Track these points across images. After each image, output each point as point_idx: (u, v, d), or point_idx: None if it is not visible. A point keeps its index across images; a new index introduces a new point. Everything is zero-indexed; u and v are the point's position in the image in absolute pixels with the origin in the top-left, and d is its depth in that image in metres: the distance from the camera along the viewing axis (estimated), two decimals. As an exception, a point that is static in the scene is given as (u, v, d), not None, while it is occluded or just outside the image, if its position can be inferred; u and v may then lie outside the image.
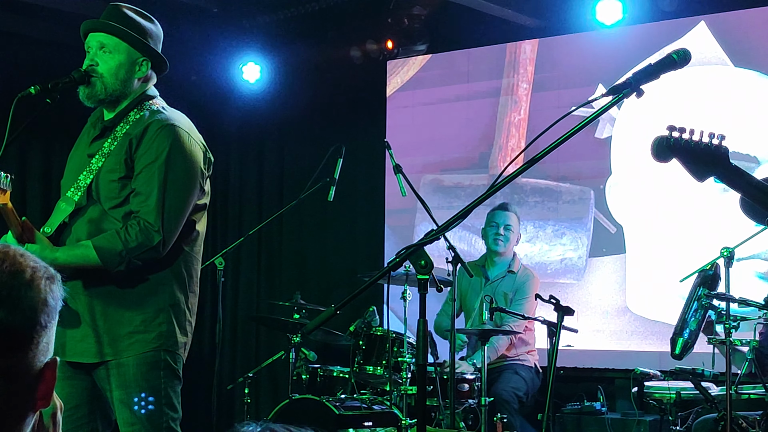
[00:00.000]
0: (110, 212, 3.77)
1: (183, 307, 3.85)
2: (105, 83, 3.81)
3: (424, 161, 8.73)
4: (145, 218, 3.70)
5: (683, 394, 5.72)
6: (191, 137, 3.85)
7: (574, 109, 2.91)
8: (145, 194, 3.73)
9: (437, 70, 8.83)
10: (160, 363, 3.78)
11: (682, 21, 7.58)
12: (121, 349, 3.73)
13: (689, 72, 2.86)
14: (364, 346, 6.42)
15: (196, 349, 4.04)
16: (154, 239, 3.69)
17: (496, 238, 6.93)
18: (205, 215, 3.98)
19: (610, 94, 2.73)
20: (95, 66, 3.81)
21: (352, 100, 9.17)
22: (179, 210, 3.78)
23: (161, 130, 3.78)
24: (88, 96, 3.83)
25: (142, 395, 3.72)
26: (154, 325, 3.76)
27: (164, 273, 3.81)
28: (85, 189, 3.78)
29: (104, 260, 3.66)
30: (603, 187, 7.93)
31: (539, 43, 8.32)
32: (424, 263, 2.75)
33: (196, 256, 3.95)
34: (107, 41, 3.82)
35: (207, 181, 3.94)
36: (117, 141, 3.81)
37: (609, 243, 7.89)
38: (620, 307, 7.78)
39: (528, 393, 6.69)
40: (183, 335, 3.85)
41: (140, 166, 3.75)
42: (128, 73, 3.85)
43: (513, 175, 2.76)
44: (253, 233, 7.28)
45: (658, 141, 3.06)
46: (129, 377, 3.73)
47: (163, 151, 3.75)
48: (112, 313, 3.75)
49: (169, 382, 3.80)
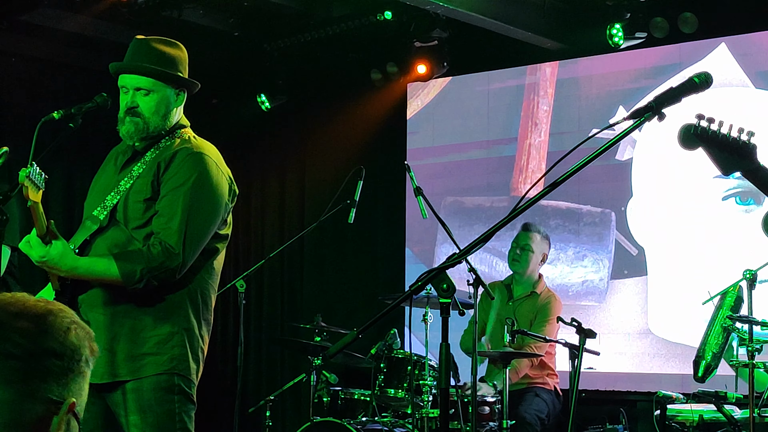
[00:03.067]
0: (133, 233, 3.78)
1: (196, 333, 3.86)
2: (148, 122, 3.85)
3: (444, 183, 8.73)
4: (166, 240, 3.71)
5: (706, 417, 5.69)
6: (219, 168, 3.89)
7: (596, 133, 2.90)
8: (168, 216, 3.75)
9: (457, 93, 8.85)
10: (174, 387, 3.78)
11: (703, 43, 7.58)
12: (134, 369, 3.74)
13: (710, 93, 2.85)
14: (386, 369, 6.41)
15: (217, 371, 4.04)
16: (174, 261, 3.70)
17: (513, 258, 6.93)
18: (225, 246, 4.00)
19: (631, 118, 2.72)
20: (136, 108, 3.84)
21: (373, 123, 9.19)
22: (200, 236, 3.80)
23: (190, 157, 3.81)
24: (131, 135, 3.87)
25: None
26: (167, 348, 3.77)
27: (180, 295, 3.82)
28: (111, 209, 3.80)
29: (124, 276, 3.67)
30: (624, 209, 7.92)
31: (559, 65, 8.33)
32: (446, 287, 2.74)
33: (212, 283, 3.96)
34: (143, 84, 3.86)
35: (229, 213, 3.96)
36: (146, 165, 3.84)
37: (630, 265, 7.86)
38: (642, 329, 7.74)
39: (549, 416, 6.66)
40: (195, 362, 3.85)
41: (166, 190, 3.78)
42: (168, 108, 3.90)
43: (535, 198, 2.75)
44: (274, 256, 7.29)
45: (685, 128, 2.97)
46: (144, 402, 3.73)
47: (190, 177, 3.78)
48: (126, 334, 3.75)
49: (183, 407, 3.80)
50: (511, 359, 6.17)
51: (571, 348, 5.92)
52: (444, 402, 2.91)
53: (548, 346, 6.68)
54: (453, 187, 8.74)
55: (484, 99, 8.71)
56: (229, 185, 3.93)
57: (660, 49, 7.74)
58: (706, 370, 5.66)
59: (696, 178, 7.49)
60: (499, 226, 2.70)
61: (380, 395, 6.41)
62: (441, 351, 2.77)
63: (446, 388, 2.82)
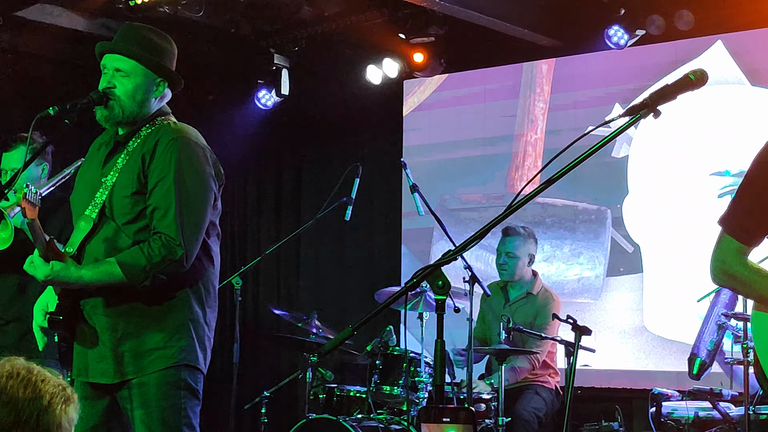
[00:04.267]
0: (123, 228, 3.77)
1: (202, 322, 3.85)
2: (123, 106, 3.82)
3: (441, 180, 8.74)
4: (166, 233, 3.71)
5: (701, 414, 5.70)
6: (199, 146, 3.86)
7: (591, 130, 2.91)
8: (164, 209, 3.73)
9: (453, 90, 8.85)
10: (181, 383, 3.77)
11: (699, 40, 7.58)
12: (143, 366, 3.74)
13: (706, 91, 2.85)
14: (381, 366, 6.41)
15: (213, 368, 4.04)
16: (177, 253, 3.70)
17: (500, 267, 6.86)
18: (218, 230, 3.99)
19: (627, 115, 2.73)
20: (112, 88, 3.82)
21: (369, 120, 9.19)
22: (198, 221, 3.79)
23: (172, 143, 3.79)
24: (107, 118, 3.84)
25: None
26: (174, 341, 3.76)
27: (182, 290, 3.81)
28: (101, 206, 3.80)
29: (129, 276, 3.67)
30: (620, 207, 7.92)
31: (556, 62, 8.33)
32: (441, 284, 2.75)
33: (213, 270, 3.95)
34: (123, 64, 3.84)
35: (218, 197, 3.94)
36: (129, 156, 3.82)
37: (626, 262, 7.87)
38: (638, 326, 7.75)
39: (547, 414, 6.65)
40: (202, 350, 3.85)
41: (153, 181, 3.76)
42: (145, 95, 3.87)
43: (530, 195, 2.76)
44: (270, 252, 7.29)
45: None
46: (150, 396, 3.73)
47: (173, 163, 3.76)
48: (132, 332, 3.75)
49: (189, 402, 3.80)
50: (506, 356, 6.17)
51: (566, 345, 5.93)
52: (439, 399, 2.91)
53: (550, 345, 6.67)
54: (449, 184, 8.74)
55: (480, 96, 8.71)
56: (213, 163, 3.90)
57: (656, 47, 7.74)
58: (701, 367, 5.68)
59: (692, 176, 7.50)
60: (495, 223, 2.70)
61: (376, 392, 6.41)
62: (436, 348, 2.78)
63: (441, 385, 2.83)
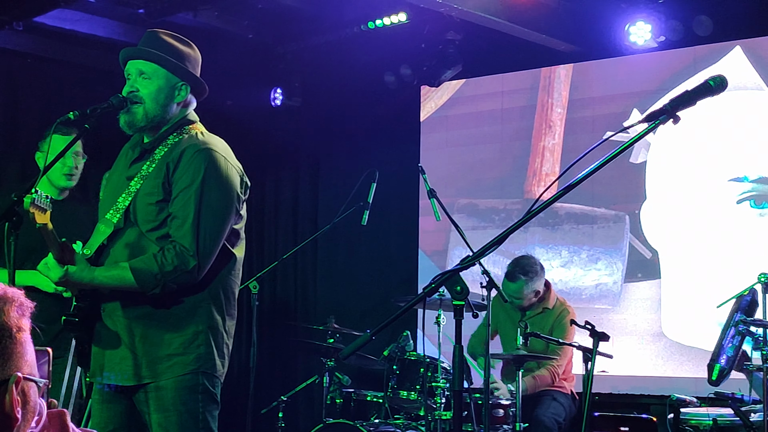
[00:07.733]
0: (147, 234, 3.79)
1: (221, 330, 3.86)
2: (146, 109, 3.84)
3: (458, 185, 8.74)
4: (181, 242, 3.71)
5: (720, 420, 5.67)
6: (227, 161, 3.87)
7: (610, 136, 2.90)
8: (182, 218, 3.74)
9: (471, 95, 8.85)
10: (198, 387, 3.78)
11: (718, 46, 7.56)
12: (160, 372, 3.75)
13: (725, 96, 2.84)
14: (398, 371, 6.41)
15: (231, 372, 4.04)
16: (189, 263, 3.71)
17: (511, 304, 6.71)
18: (243, 239, 4.00)
19: (646, 121, 2.72)
20: (136, 92, 3.84)
21: (386, 125, 9.20)
22: (215, 234, 3.79)
23: (198, 154, 3.79)
24: (129, 124, 3.86)
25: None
26: (192, 348, 3.77)
27: (202, 295, 3.82)
28: (124, 211, 3.81)
29: (140, 282, 3.69)
30: (638, 212, 7.90)
31: (573, 67, 8.32)
32: (459, 289, 2.74)
33: (234, 279, 3.96)
34: (146, 68, 3.86)
35: (243, 205, 3.96)
36: (155, 164, 3.83)
37: (644, 268, 7.85)
38: (656, 332, 7.73)
39: (566, 419, 6.64)
40: (221, 357, 3.86)
41: (177, 190, 3.77)
42: (168, 98, 3.88)
43: (549, 201, 2.75)
44: (287, 257, 7.30)
45: None
46: (167, 401, 3.74)
47: (199, 175, 3.77)
48: (150, 336, 3.76)
49: (207, 406, 3.80)
50: (524, 362, 6.16)
51: (584, 351, 5.91)
52: (457, 404, 2.91)
53: (569, 359, 6.65)
54: (466, 189, 8.74)
55: (498, 101, 8.70)
56: (240, 177, 3.91)
57: (674, 52, 7.73)
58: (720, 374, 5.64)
59: (710, 181, 7.48)
60: (513, 229, 2.70)
61: (393, 397, 6.41)
62: (454, 353, 2.77)
63: (459, 391, 2.82)
